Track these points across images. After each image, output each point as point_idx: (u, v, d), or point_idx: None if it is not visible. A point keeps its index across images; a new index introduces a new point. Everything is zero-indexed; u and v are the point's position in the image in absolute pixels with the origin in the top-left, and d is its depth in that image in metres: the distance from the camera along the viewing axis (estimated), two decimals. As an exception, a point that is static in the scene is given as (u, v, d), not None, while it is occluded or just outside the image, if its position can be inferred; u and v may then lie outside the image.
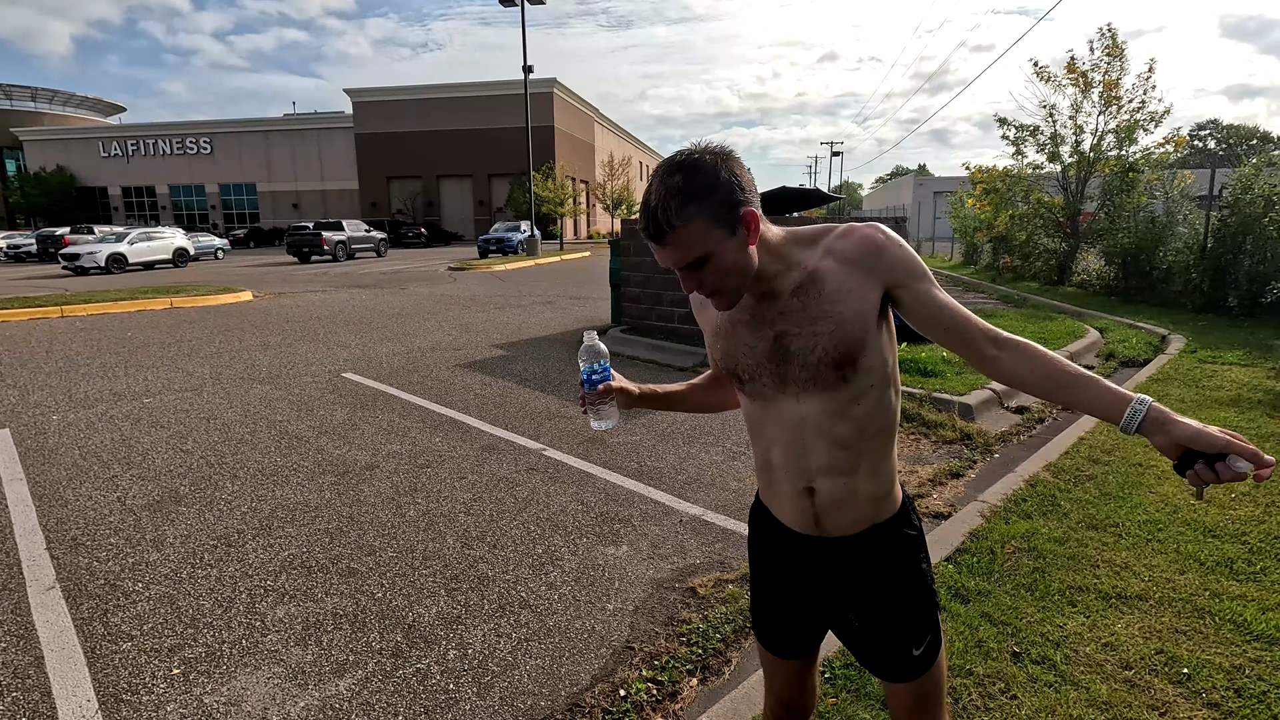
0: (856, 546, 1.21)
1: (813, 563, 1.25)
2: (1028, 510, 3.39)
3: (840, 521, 1.19)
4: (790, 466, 1.19)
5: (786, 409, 1.16)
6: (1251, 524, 3.20)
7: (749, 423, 1.26)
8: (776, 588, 1.33)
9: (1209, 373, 6.35)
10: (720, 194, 1.01)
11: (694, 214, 1.00)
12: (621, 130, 61.09)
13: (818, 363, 1.10)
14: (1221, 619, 2.44)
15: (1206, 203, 11.24)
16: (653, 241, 1.05)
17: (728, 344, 1.20)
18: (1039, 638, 2.36)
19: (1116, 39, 13.65)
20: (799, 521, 1.23)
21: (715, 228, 1.02)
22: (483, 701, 2.18)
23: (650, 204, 1.03)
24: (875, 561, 1.21)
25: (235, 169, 49.99)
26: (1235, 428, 4.66)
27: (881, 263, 1.08)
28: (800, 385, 1.13)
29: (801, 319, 1.10)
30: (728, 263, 1.04)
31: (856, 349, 1.09)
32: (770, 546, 1.31)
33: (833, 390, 1.12)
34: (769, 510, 1.30)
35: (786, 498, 1.23)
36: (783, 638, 1.35)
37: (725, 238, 1.03)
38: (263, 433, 4.88)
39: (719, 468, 4.18)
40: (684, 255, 1.03)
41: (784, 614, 1.33)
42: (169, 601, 2.74)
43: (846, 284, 1.08)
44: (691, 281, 1.07)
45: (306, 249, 25.45)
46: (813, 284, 1.10)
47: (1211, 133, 61.79)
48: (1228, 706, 2.01)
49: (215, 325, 9.86)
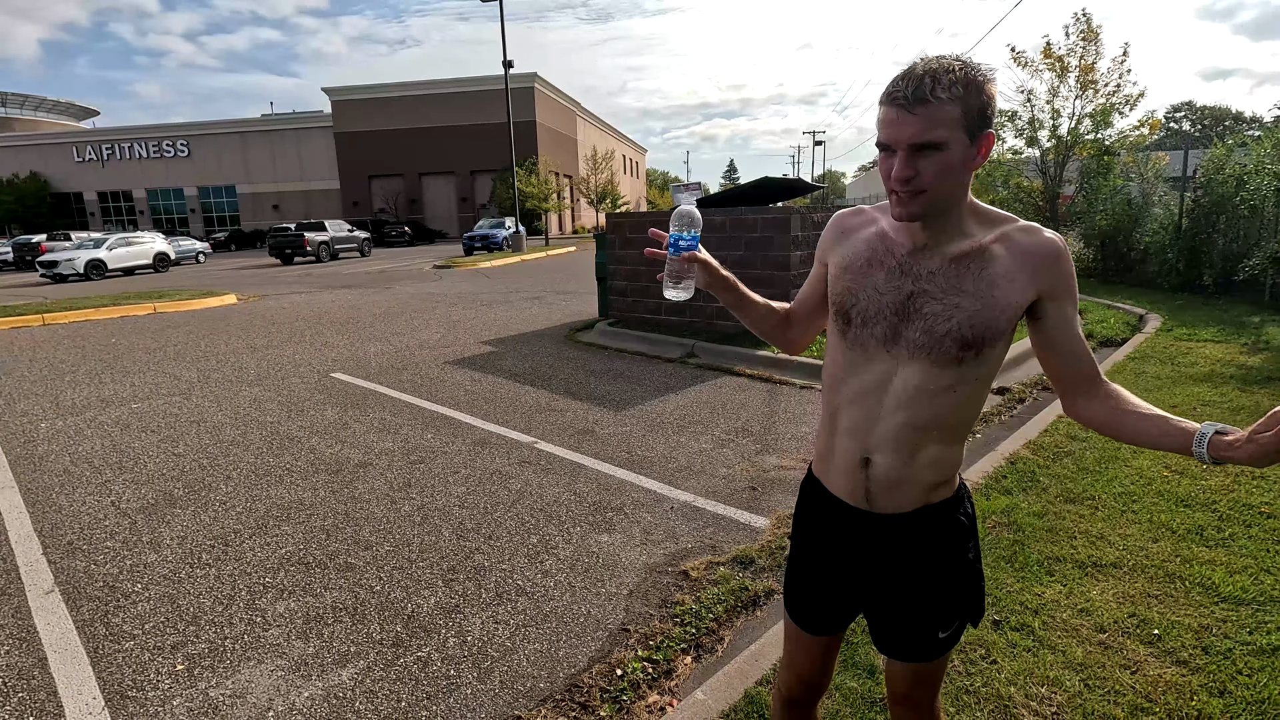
0: (905, 525, 1.20)
1: (859, 538, 1.24)
2: (1008, 486, 3.50)
3: (891, 500, 1.19)
4: (856, 432, 1.18)
5: (881, 368, 1.14)
6: (1221, 493, 3.31)
7: (829, 375, 1.24)
8: (818, 562, 1.32)
9: (1184, 350, 6.51)
10: (982, 100, 0.99)
11: (956, 98, 0.97)
12: (604, 124, 60.88)
13: (946, 334, 1.08)
14: (1191, 583, 2.55)
15: (1181, 184, 11.45)
16: (899, 106, 0.99)
17: (855, 281, 1.16)
18: (1018, 606, 2.45)
19: (1091, 23, 13.83)
20: (851, 494, 1.22)
21: (962, 126, 0.99)
22: (483, 685, 2.25)
23: (917, 69, 0.99)
24: (921, 542, 1.21)
25: (214, 171, 49.37)
26: (1208, 402, 4.80)
27: (1052, 270, 1.07)
28: (911, 350, 1.11)
29: (948, 287, 1.08)
30: (953, 162, 1.00)
31: (990, 337, 1.08)
32: (818, 519, 1.31)
33: (941, 367, 1.10)
34: (821, 483, 1.29)
35: (842, 468, 1.22)
36: (816, 613, 1.34)
37: (964, 141, 1.00)
38: (254, 434, 4.90)
39: (708, 455, 4.25)
40: (922, 131, 0.98)
41: (821, 589, 1.32)
42: (169, 601, 2.77)
43: (1010, 274, 1.07)
44: (908, 167, 1.01)
45: (289, 250, 25.24)
46: (978, 259, 1.08)
47: (1187, 114, 62.57)
48: (1195, 663, 2.11)
49: (200, 329, 9.81)
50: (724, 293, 1.33)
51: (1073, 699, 1.99)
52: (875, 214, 1.22)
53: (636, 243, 8.38)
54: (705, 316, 7.58)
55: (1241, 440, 0.92)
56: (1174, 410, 4.66)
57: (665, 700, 2.16)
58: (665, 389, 5.84)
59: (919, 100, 0.98)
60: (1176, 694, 1.99)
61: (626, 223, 8.76)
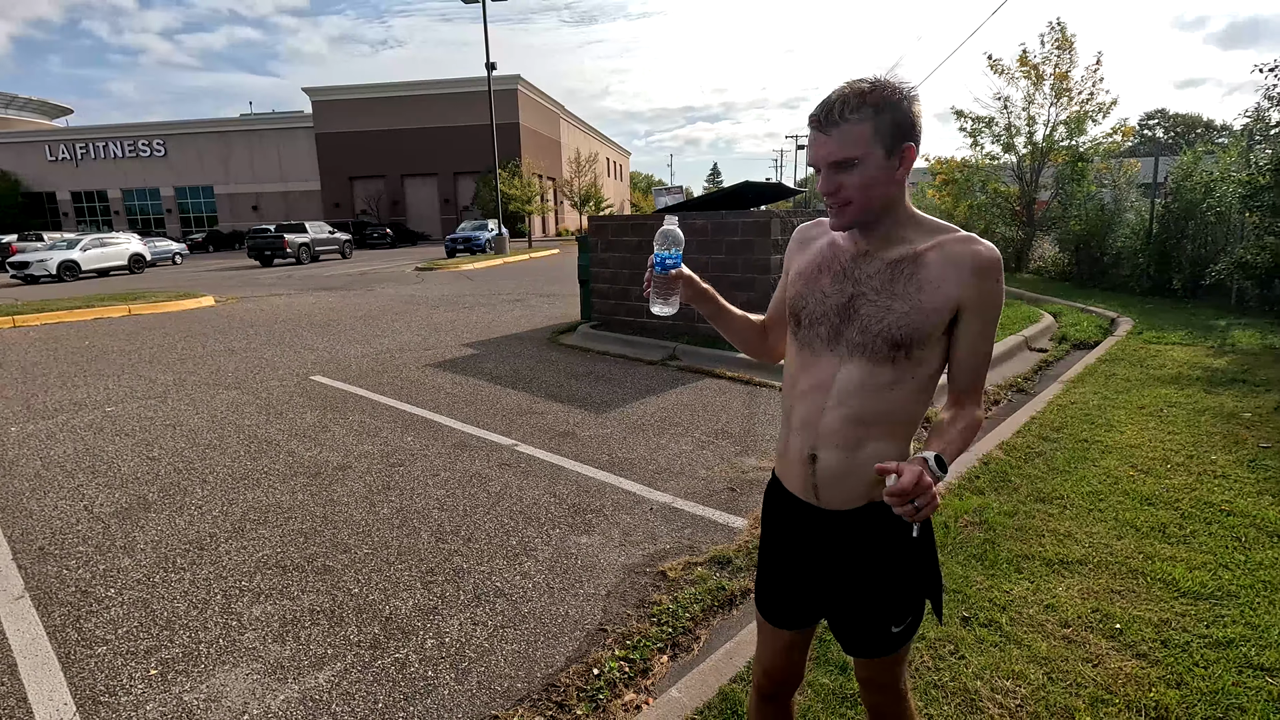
0: (852, 522, 1.25)
1: (811, 533, 1.30)
2: (980, 486, 3.57)
3: (837, 495, 1.24)
4: (805, 428, 1.24)
5: (827, 366, 1.22)
6: (1184, 491, 3.41)
7: (785, 376, 1.33)
8: (780, 557, 1.37)
9: (1153, 352, 6.67)
10: (896, 116, 1.08)
11: (865, 118, 1.06)
12: (588, 126, 60.90)
13: (877, 333, 1.15)
14: (1153, 579, 2.62)
15: (1151, 190, 11.71)
16: (817, 129, 1.11)
17: (806, 286, 1.26)
18: (987, 603, 2.51)
19: (1065, 32, 14.10)
20: (802, 489, 1.28)
21: (877, 142, 1.08)
22: (461, 686, 2.26)
23: (831, 96, 1.09)
24: (868, 539, 1.25)
25: (191, 171, 48.66)
26: (1175, 404, 4.93)
27: (978, 280, 1.13)
28: (850, 348, 1.19)
29: (883, 290, 1.16)
30: (870, 177, 1.09)
31: (918, 338, 1.14)
32: (778, 516, 1.36)
33: (877, 365, 1.17)
34: (780, 480, 1.35)
35: (794, 463, 1.28)
36: (781, 607, 1.38)
37: (881, 156, 1.09)
38: (231, 438, 4.86)
39: (688, 457, 4.29)
40: (835, 152, 1.09)
41: (784, 584, 1.37)
42: (143, 605, 2.75)
43: (939, 279, 1.14)
44: (830, 183, 1.11)
45: (268, 252, 24.95)
46: (911, 264, 1.15)
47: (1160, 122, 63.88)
48: (1154, 656, 2.18)
49: (177, 331, 9.68)
50: (705, 304, 1.40)
51: (1036, 692, 2.04)
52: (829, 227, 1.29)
53: (619, 246, 8.41)
54: (687, 319, 7.62)
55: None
56: (1140, 411, 4.78)
57: (641, 699, 2.19)
58: (646, 391, 5.87)
59: (830, 123, 1.08)
60: (1136, 686, 2.05)
61: (609, 226, 8.79)
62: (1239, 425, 4.41)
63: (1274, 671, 2.08)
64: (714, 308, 1.40)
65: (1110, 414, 4.73)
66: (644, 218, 8.79)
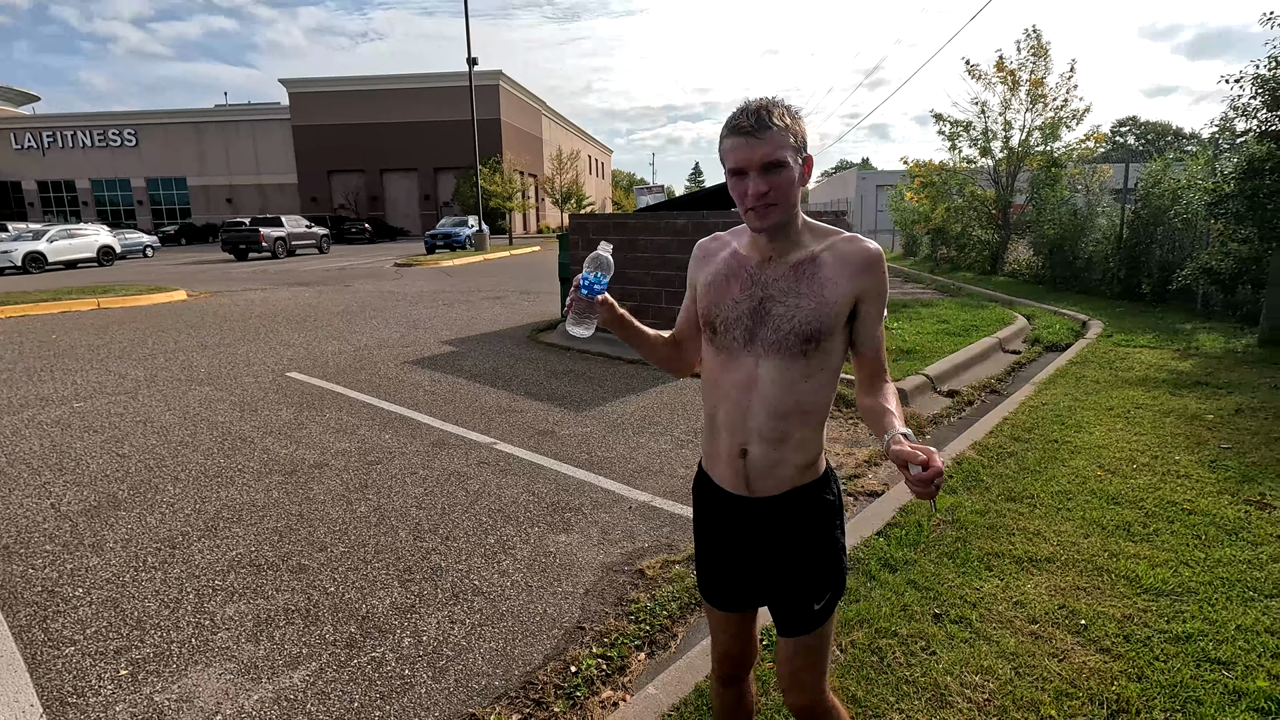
0: (779, 506, 1.35)
1: (743, 521, 1.38)
2: (953, 485, 3.63)
3: (767, 484, 1.34)
4: (732, 426, 1.33)
5: (745, 367, 1.30)
6: (1148, 491, 3.51)
7: (706, 380, 1.40)
8: (715, 546, 1.46)
9: (1122, 355, 6.83)
10: (802, 131, 1.22)
11: (788, 127, 1.19)
12: (570, 124, 60.69)
13: (790, 331, 1.26)
14: (1117, 576, 2.70)
15: (1122, 196, 11.98)
16: (748, 135, 1.18)
17: (717, 294, 1.34)
18: (958, 600, 2.56)
19: (1041, 39, 14.36)
20: (733, 483, 1.37)
21: (793, 148, 1.20)
22: (438, 684, 2.25)
23: (752, 104, 1.19)
24: (793, 520, 1.36)
25: (163, 162, 47.65)
26: (1142, 405, 5.05)
27: (868, 274, 1.26)
28: (766, 348, 1.28)
29: (790, 291, 1.27)
30: (792, 179, 1.21)
31: (824, 330, 1.25)
32: (710, 509, 1.45)
33: (791, 360, 1.27)
34: (709, 476, 1.44)
35: (724, 459, 1.36)
36: (723, 592, 1.47)
37: (796, 161, 1.21)
38: (204, 434, 4.78)
39: (667, 456, 4.31)
40: (771, 152, 1.18)
41: (722, 570, 1.46)
42: (112, 605, 2.70)
43: (836, 277, 1.26)
44: (761, 184, 1.19)
45: (243, 246, 24.55)
46: (811, 265, 1.27)
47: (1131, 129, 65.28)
48: (1117, 651, 2.24)
49: (148, 326, 9.49)
50: (621, 329, 1.44)
51: (1004, 686, 2.09)
52: (729, 238, 1.41)
53: (597, 243, 8.39)
54: (665, 318, 7.65)
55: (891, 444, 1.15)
56: (1109, 412, 4.90)
57: (618, 695, 2.20)
58: (626, 390, 5.89)
59: (763, 128, 1.18)
60: (1099, 680, 2.11)
61: (590, 224, 8.79)
62: (1201, 427, 4.53)
63: (1230, 665, 2.15)
64: (629, 331, 1.45)
65: (1080, 415, 4.84)
66: (625, 216, 8.79)
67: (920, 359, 6.35)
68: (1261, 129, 7.76)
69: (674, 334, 1.51)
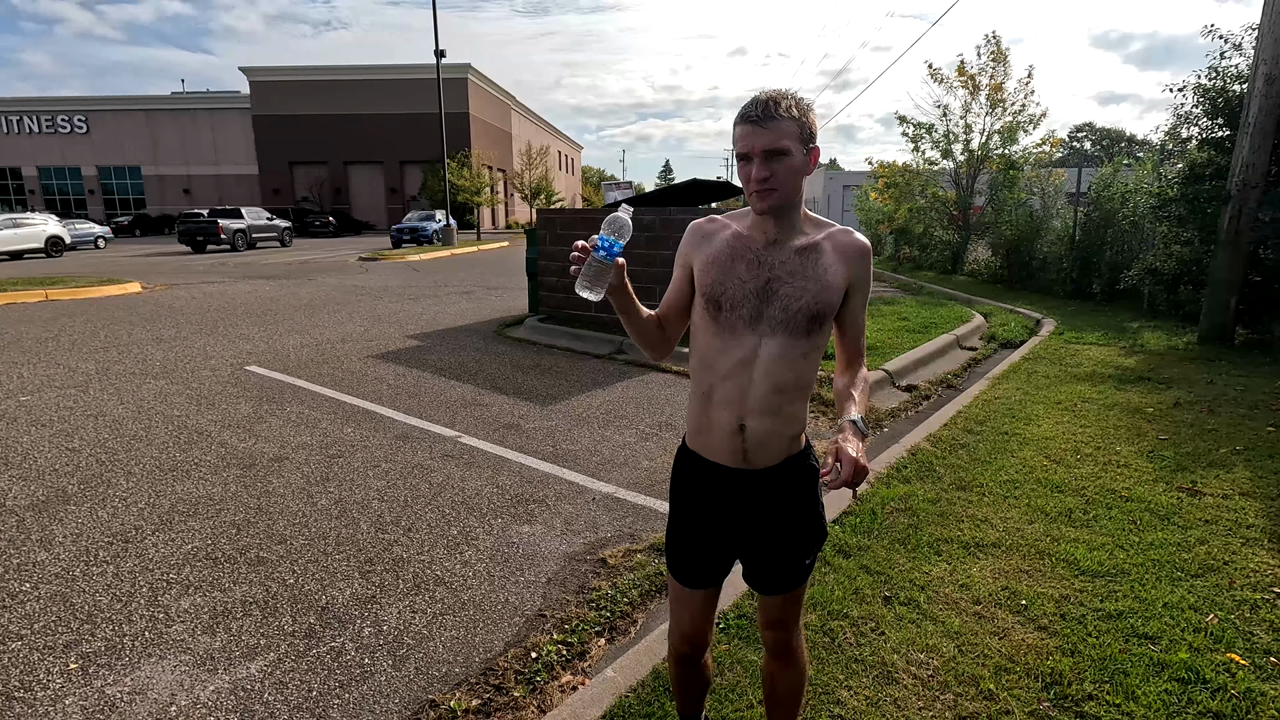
0: (775, 475, 1.44)
1: (738, 493, 1.45)
2: (907, 475, 3.75)
3: (764, 456, 1.42)
4: (730, 403, 1.39)
5: (749, 344, 1.36)
6: (1090, 480, 3.67)
7: (702, 358, 1.43)
8: (699, 523, 1.50)
9: (1072, 351, 7.09)
10: (810, 122, 1.30)
11: (795, 117, 1.27)
12: (540, 119, 60.26)
13: (799, 310, 1.34)
14: (1057, 559, 2.83)
15: (1075, 199, 12.39)
16: (755, 123, 1.26)
17: (722, 273, 1.38)
18: (907, 583, 2.66)
19: (1000, 45, 14.75)
20: (731, 457, 1.42)
21: (800, 138, 1.28)
22: (398, 672, 2.26)
23: (762, 95, 1.28)
24: (788, 487, 1.46)
25: (116, 150, 45.99)
26: (1088, 399, 5.26)
27: (860, 264, 1.38)
28: (772, 326, 1.35)
29: (796, 273, 1.35)
30: (795, 166, 1.29)
31: (827, 312, 1.36)
32: (697, 486, 1.49)
33: (795, 339, 1.35)
34: (698, 454, 1.48)
35: (721, 435, 1.41)
36: (698, 569, 1.53)
37: (801, 151, 1.29)
38: (159, 428, 4.68)
39: (632, 448, 4.35)
40: (775, 140, 1.26)
41: (703, 546, 1.51)
42: (62, 600, 2.65)
43: (835, 263, 1.36)
44: (764, 170, 1.27)
45: (201, 238, 23.84)
46: (814, 252, 1.36)
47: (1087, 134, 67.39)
48: (1054, 629, 2.36)
49: (100, 318, 9.20)
50: (622, 297, 1.39)
51: (947, 663, 2.19)
52: (728, 220, 1.45)
53: (568, 239, 8.40)
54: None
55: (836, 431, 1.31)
56: (1057, 406, 5.08)
57: (578, 680, 2.24)
58: (592, 384, 5.92)
59: (768, 118, 1.27)
60: (1035, 655, 2.22)
61: (558, 220, 8.78)
62: (1142, 419, 4.75)
63: (1156, 639, 2.28)
64: (627, 301, 1.41)
65: (1030, 409, 5.02)
66: (594, 211, 8.81)
67: (881, 355, 6.51)
68: (1203, 136, 8.12)
69: (660, 313, 1.50)
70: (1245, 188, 7.04)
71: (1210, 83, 7.80)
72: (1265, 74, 6.78)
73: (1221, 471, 3.77)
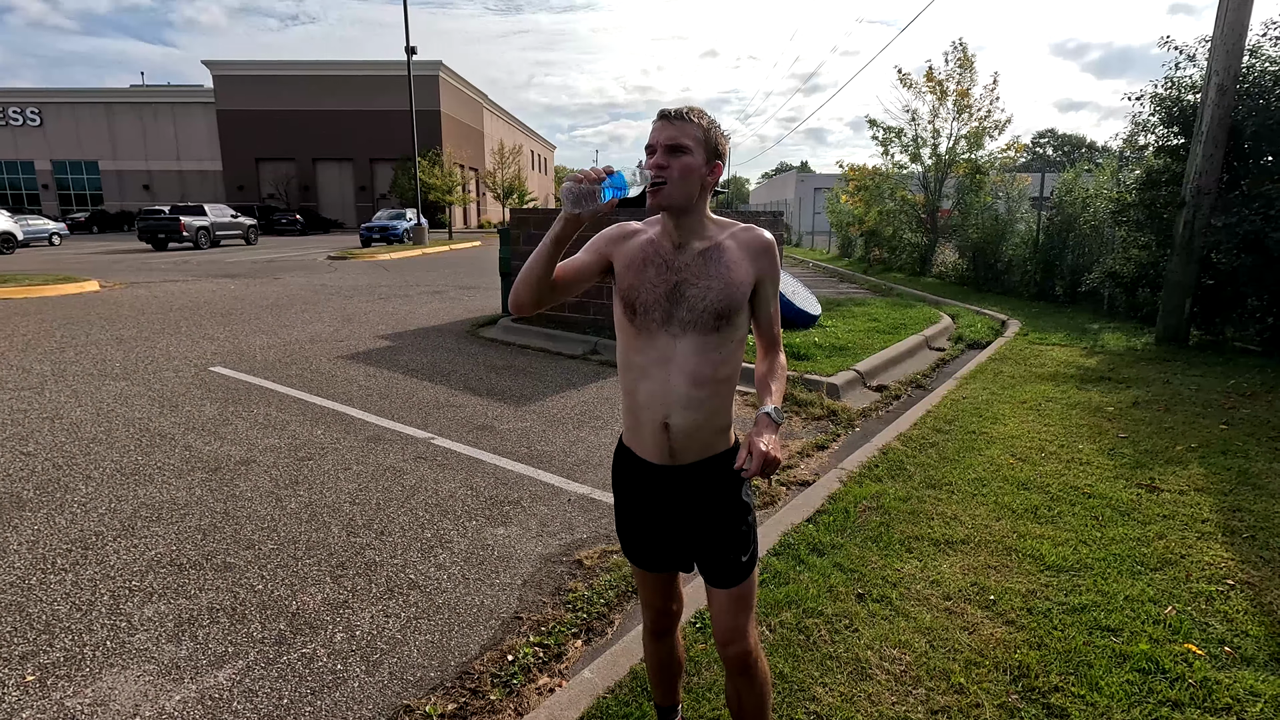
0: (700, 472, 1.50)
1: (668, 488, 1.51)
2: (879, 474, 3.81)
3: (689, 452, 1.48)
4: (654, 399, 1.44)
5: (664, 344, 1.43)
6: (1054, 477, 3.77)
7: (625, 361, 1.50)
8: (638, 515, 1.59)
9: (1036, 352, 7.27)
10: (717, 138, 1.42)
11: (698, 128, 1.39)
12: (512, 118, 59.87)
13: (704, 309, 1.41)
14: (1023, 555, 2.90)
15: (1039, 204, 12.71)
16: (665, 119, 1.39)
17: (636, 278, 1.45)
18: (880, 580, 2.70)
19: (967, 52, 15.07)
20: (657, 454, 1.49)
21: (704, 145, 1.40)
22: (371, 678, 2.23)
23: (677, 106, 1.41)
24: (713, 484, 1.50)
25: (72, 144, 44.53)
26: (1051, 399, 5.40)
27: (765, 257, 1.46)
28: (683, 325, 1.42)
29: (700, 274, 1.42)
30: (693, 166, 1.38)
31: (734, 307, 1.42)
32: (632, 480, 1.57)
33: (705, 335, 1.42)
34: (631, 450, 1.55)
35: (648, 433, 1.48)
36: (647, 555, 1.61)
37: (702, 159, 1.39)
38: (119, 431, 4.54)
39: (606, 449, 4.35)
40: (678, 136, 1.37)
41: (645, 536, 1.59)
42: (17, 609, 2.55)
43: (738, 260, 1.44)
44: (664, 158, 1.37)
45: (162, 235, 23.17)
46: (717, 251, 1.44)
47: (1050, 140, 69.22)
48: (1021, 623, 2.42)
49: (55, 318, 8.89)
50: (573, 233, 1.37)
51: (919, 658, 2.23)
52: (642, 227, 1.53)
53: (540, 239, 8.35)
54: (608, 314, 7.69)
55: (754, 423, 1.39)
56: (1022, 405, 5.20)
57: (555, 682, 2.23)
58: (567, 385, 5.90)
59: (678, 117, 1.39)
60: (1004, 649, 2.27)
61: (531, 219, 8.73)
62: (1103, 418, 4.89)
63: (1119, 631, 2.35)
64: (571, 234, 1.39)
65: (996, 408, 5.14)
66: (567, 212, 8.77)
67: (852, 355, 6.60)
68: (1159, 144, 8.38)
69: (559, 274, 1.47)
70: (1199, 194, 7.29)
71: (1166, 92, 8.06)
72: (1218, 84, 7.04)
73: (1178, 468, 3.90)
